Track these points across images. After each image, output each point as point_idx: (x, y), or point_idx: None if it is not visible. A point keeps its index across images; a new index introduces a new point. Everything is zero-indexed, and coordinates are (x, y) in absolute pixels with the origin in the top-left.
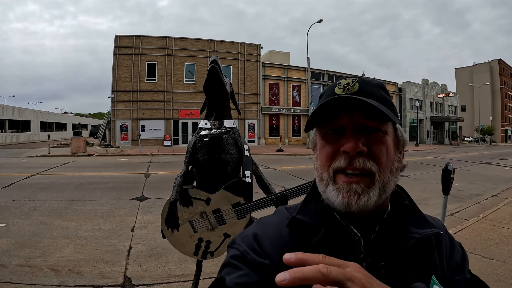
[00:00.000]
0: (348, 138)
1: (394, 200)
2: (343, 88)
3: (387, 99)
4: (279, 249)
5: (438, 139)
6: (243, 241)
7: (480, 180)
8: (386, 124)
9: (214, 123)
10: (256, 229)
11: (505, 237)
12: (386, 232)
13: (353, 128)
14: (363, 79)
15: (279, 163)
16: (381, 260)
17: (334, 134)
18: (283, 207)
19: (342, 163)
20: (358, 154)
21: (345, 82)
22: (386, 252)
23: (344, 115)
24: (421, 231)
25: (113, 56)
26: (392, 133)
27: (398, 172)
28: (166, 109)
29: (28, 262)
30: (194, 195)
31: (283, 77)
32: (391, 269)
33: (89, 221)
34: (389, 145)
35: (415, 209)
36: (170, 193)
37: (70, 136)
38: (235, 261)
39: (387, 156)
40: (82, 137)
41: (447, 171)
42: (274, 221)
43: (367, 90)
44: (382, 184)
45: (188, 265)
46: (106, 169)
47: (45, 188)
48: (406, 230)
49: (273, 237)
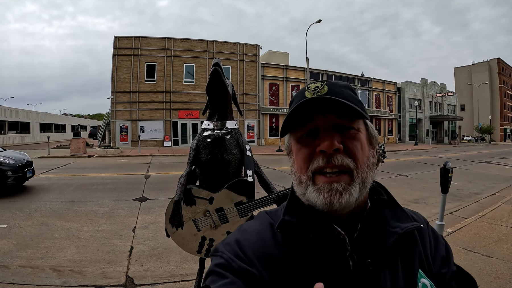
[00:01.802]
0: (323, 137)
1: (373, 196)
2: (313, 91)
3: (355, 98)
4: (263, 256)
5: (437, 139)
6: (226, 249)
7: (479, 179)
8: (357, 122)
9: (217, 124)
10: (238, 236)
11: (504, 235)
12: (368, 229)
13: (327, 128)
14: (331, 82)
15: (279, 163)
16: (368, 257)
17: (309, 136)
18: (264, 212)
19: (321, 163)
20: (335, 151)
21: (314, 86)
22: (371, 249)
23: (317, 117)
24: (402, 225)
25: (112, 57)
26: (364, 129)
27: (374, 167)
28: (165, 110)
29: (30, 263)
30: (197, 194)
31: (282, 77)
32: (378, 265)
33: (90, 221)
34: (363, 141)
35: (394, 203)
36: (171, 194)
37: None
38: (219, 269)
39: (362, 152)
40: (82, 138)
41: (445, 169)
42: (256, 227)
43: (336, 91)
44: (361, 180)
45: (190, 264)
46: (106, 170)
47: (45, 189)
48: (387, 225)
49: (256, 243)
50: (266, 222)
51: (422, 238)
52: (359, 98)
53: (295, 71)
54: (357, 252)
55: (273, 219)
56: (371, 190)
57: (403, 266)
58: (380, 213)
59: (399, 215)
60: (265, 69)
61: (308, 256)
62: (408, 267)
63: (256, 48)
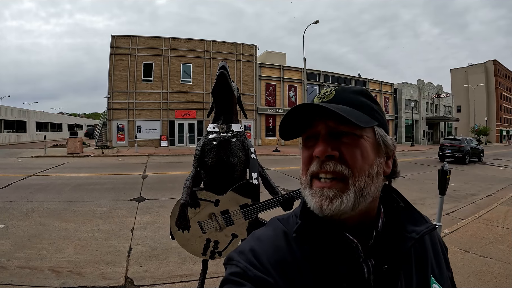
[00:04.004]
0: (319, 143)
1: (392, 205)
2: (320, 97)
3: (366, 104)
4: (277, 263)
5: (434, 140)
6: (241, 257)
7: (475, 180)
8: (360, 128)
9: (222, 127)
10: (252, 244)
11: (500, 236)
12: (384, 236)
13: (326, 133)
14: (342, 87)
15: (276, 164)
16: (384, 264)
17: (311, 140)
18: (276, 219)
19: (315, 168)
20: (328, 158)
21: (324, 91)
22: (388, 255)
23: (318, 122)
24: (418, 229)
25: (109, 56)
26: (371, 137)
27: (379, 176)
28: (162, 110)
29: (28, 264)
30: (202, 196)
31: (279, 77)
32: (394, 271)
33: (88, 222)
34: (365, 148)
35: (411, 208)
36: (168, 194)
37: (65, 137)
38: (236, 278)
39: (362, 160)
40: (79, 137)
41: (443, 171)
42: (270, 235)
43: (343, 96)
44: (358, 189)
45: (189, 265)
46: (103, 169)
47: (42, 189)
48: (403, 231)
49: (270, 251)
50: (279, 229)
51: (434, 241)
52: (373, 102)
53: (292, 72)
54: (374, 258)
55: (285, 227)
56: (388, 200)
57: (417, 271)
58: (396, 221)
59: (415, 217)
60: (262, 69)
61: (322, 263)
62: (421, 272)
63: (254, 48)
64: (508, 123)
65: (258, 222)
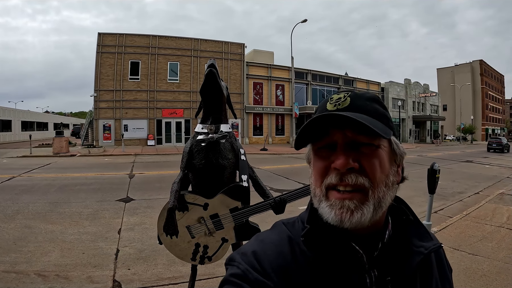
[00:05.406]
0: (338, 154)
1: (400, 216)
2: (334, 103)
3: (381, 112)
4: (280, 269)
5: (420, 138)
6: (243, 259)
7: (462, 178)
8: (378, 138)
9: (211, 128)
10: (255, 247)
11: (488, 233)
12: (390, 248)
13: (344, 144)
14: (355, 93)
15: (264, 163)
16: (388, 275)
17: (326, 149)
18: (281, 222)
19: (334, 180)
20: (349, 170)
21: (337, 97)
22: (392, 267)
23: (335, 131)
24: (426, 245)
25: (96, 54)
26: (387, 146)
27: (394, 186)
28: (149, 108)
29: (14, 268)
30: (190, 200)
31: (267, 76)
32: (397, 284)
33: (74, 224)
34: (383, 158)
35: (418, 223)
36: (156, 194)
37: (51, 136)
38: (236, 279)
39: (381, 170)
40: (64, 137)
41: (433, 170)
42: (274, 238)
43: (359, 104)
44: (377, 200)
45: (177, 267)
46: (90, 169)
47: (28, 190)
48: (411, 245)
49: (273, 255)
50: (284, 234)
51: (439, 257)
52: (385, 110)
53: (280, 70)
54: (377, 269)
55: (290, 231)
56: (396, 210)
57: (421, 287)
58: (403, 233)
59: (422, 233)
60: (249, 68)
61: (325, 271)
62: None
63: (241, 46)
64: (494, 122)
65: (249, 226)
